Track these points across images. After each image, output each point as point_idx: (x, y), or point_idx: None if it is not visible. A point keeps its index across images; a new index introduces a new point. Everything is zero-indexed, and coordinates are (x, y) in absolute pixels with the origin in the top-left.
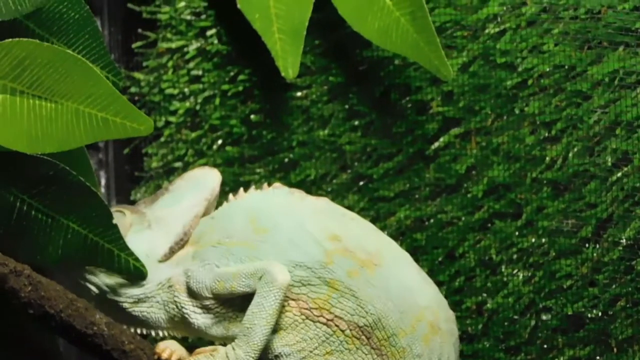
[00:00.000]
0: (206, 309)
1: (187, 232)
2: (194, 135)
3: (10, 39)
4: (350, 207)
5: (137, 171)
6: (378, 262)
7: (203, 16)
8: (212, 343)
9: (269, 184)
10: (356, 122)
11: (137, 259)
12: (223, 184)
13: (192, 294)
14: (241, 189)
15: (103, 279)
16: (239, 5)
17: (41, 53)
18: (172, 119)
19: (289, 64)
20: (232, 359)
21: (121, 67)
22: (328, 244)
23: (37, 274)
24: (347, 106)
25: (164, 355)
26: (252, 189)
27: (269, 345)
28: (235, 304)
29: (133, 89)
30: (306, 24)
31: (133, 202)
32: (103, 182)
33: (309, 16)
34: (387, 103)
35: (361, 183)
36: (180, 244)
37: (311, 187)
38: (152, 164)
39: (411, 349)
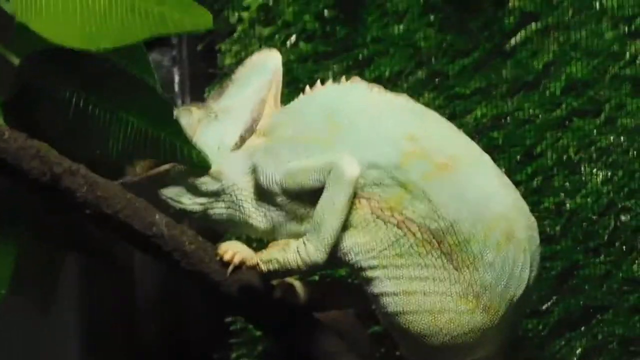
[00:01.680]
0: (276, 206)
1: (255, 117)
2: (267, 31)
3: None
4: (426, 105)
5: (211, 68)
6: (455, 165)
7: None
8: None
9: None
10: (432, 17)
11: (199, 151)
12: (297, 80)
13: (263, 190)
14: (318, 82)
15: (175, 182)
16: None
17: None
18: (244, 14)
19: None
20: (303, 253)
21: None
22: (404, 144)
23: (94, 173)
24: (422, 1)
25: (226, 256)
26: (330, 82)
27: (339, 242)
28: (305, 199)
29: None
30: None
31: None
32: (177, 79)
33: None
34: None
35: (437, 80)
36: (250, 130)
37: (386, 84)
38: (225, 60)
39: (482, 257)
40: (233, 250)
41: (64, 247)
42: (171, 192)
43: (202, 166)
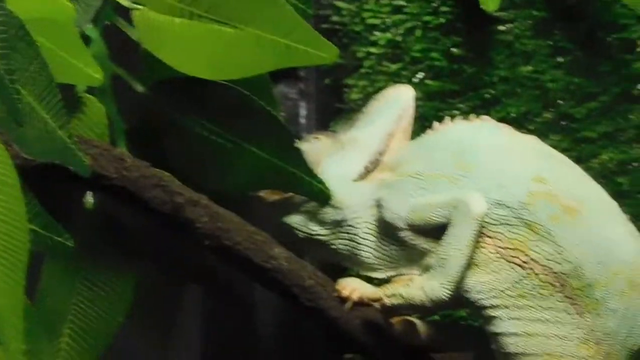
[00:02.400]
0: (399, 241)
1: (380, 150)
2: (394, 67)
3: None
4: (552, 147)
5: (337, 102)
6: (582, 209)
7: None
8: None
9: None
10: (560, 59)
11: (321, 181)
12: (424, 118)
13: (386, 225)
14: (447, 118)
15: (297, 213)
16: None
17: None
18: (372, 49)
19: None
20: (428, 290)
21: None
22: (532, 185)
23: (215, 204)
24: (551, 42)
25: (345, 292)
26: (459, 119)
27: (462, 279)
28: (429, 235)
29: (335, 18)
30: None
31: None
32: (304, 112)
33: None
34: (593, 40)
35: (564, 123)
36: (375, 163)
37: (513, 124)
38: (352, 95)
39: (605, 303)
40: (352, 287)
41: (183, 279)
42: (294, 220)
43: (323, 198)
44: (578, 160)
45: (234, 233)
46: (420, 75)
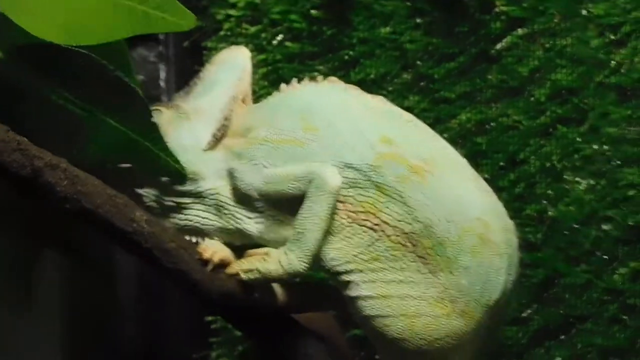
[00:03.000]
0: (254, 211)
1: (226, 116)
2: (253, 29)
3: None
4: (410, 108)
5: (197, 65)
6: (430, 169)
7: None
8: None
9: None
10: (418, 20)
11: (176, 160)
12: (283, 79)
13: (239, 195)
14: (294, 80)
15: (150, 182)
16: None
17: None
18: (232, 12)
19: None
20: (285, 263)
21: None
22: (380, 146)
23: (76, 168)
24: (409, 3)
25: (206, 254)
26: (306, 81)
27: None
28: (284, 206)
29: None
30: None
31: None
32: (163, 75)
33: None
34: (451, 1)
35: (422, 83)
36: (223, 129)
37: (372, 85)
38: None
39: (457, 260)
40: (213, 249)
41: (40, 244)
42: (147, 192)
43: (178, 177)
44: (437, 121)
45: (95, 196)
46: (280, 37)
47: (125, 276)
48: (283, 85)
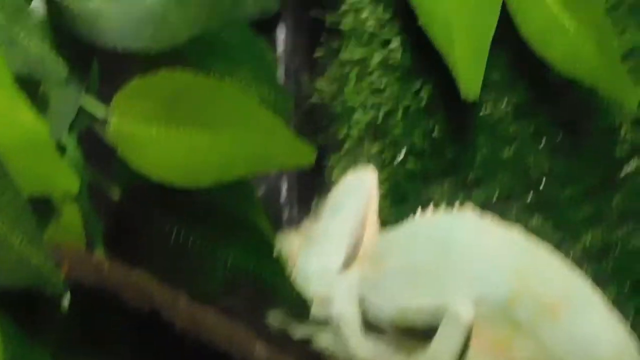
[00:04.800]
0: (382, 338)
1: (357, 238)
2: (375, 147)
3: (164, 72)
4: (534, 230)
5: (318, 181)
6: (564, 307)
7: (386, 27)
8: None
9: (461, 204)
10: (542, 143)
11: (300, 291)
12: (405, 198)
13: (368, 321)
14: (429, 208)
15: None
16: (420, 22)
17: (196, 85)
18: (353, 131)
19: (470, 85)
20: None
21: (304, 74)
22: (516, 282)
23: (194, 301)
24: (533, 126)
25: None
26: (441, 209)
27: None
28: (414, 334)
29: (315, 99)
30: (489, 43)
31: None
32: (285, 189)
33: (492, 35)
34: (575, 125)
35: (546, 205)
36: (354, 251)
37: (495, 207)
38: (333, 175)
39: None
40: None
41: None
42: (276, 320)
43: (301, 309)
44: (560, 244)
45: (214, 331)
46: (401, 155)
47: None
48: (417, 214)
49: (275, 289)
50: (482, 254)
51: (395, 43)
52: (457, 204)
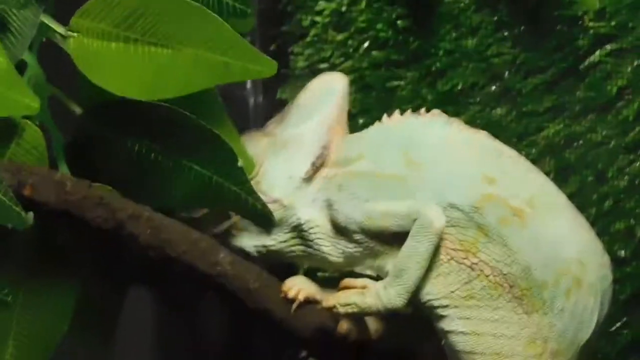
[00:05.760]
0: (353, 242)
1: (325, 145)
2: (340, 36)
3: None
4: (497, 121)
5: (283, 69)
6: (531, 210)
7: None
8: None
9: (427, 110)
10: (505, 33)
11: (264, 204)
12: (369, 87)
13: (339, 226)
14: (396, 112)
15: (247, 233)
16: None
17: (156, 2)
18: (318, 18)
19: None
20: (384, 298)
21: None
22: (482, 186)
23: (159, 214)
24: (496, 17)
25: (291, 293)
26: (409, 113)
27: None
28: (383, 238)
29: None
30: None
31: (280, 101)
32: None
33: None
34: (538, 16)
35: (509, 96)
36: (321, 158)
37: (458, 96)
38: (298, 63)
39: (552, 302)
40: (298, 287)
41: (126, 285)
42: (246, 242)
43: (264, 220)
44: (523, 134)
45: (178, 243)
46: (366, 44)
47: (214, 314)
48: (384, 117)
49: (239, 200)
50: (449, 159)
51: None
52: (423, 109)
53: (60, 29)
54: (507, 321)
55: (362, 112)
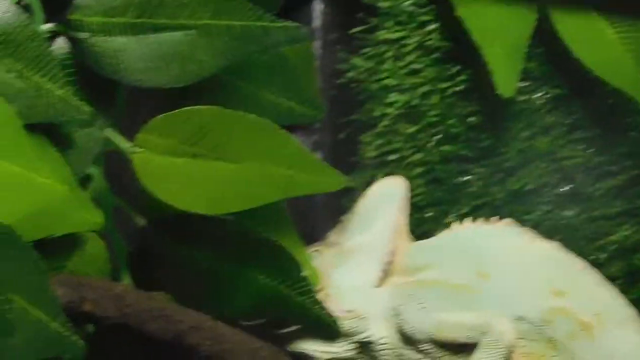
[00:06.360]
0: (419, 352)
1: (392, 251)
2: (411, 129)
3: (190, 107)
4: (566, 223)
5: (352, 156)
6: (598, 324)
7: (425, 9)
8: None
9: (511, 217)
10: (578, 135)
11: (329, 314)
12: (438, 180)
13: (404, 335)
14: (468, 220)
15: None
16: (458, 13)
17: (223, 119)
18: (389, 110)
19: (505, 82)
20: None
21: (340, 49)
22: (552, 300)
23: (220, 322)
24: (569, 120)
25: None
26: (480, 221)
27: None
28: (451, 349)
29: (350, 74)
30: (527, 43)
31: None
32: None
33: (530, 34)
34: (611, 120)
35: (580, 198)
36: (389, 265)
37: (528, 196)
38: (367, 153)
39: None
40: None
41: None
42: (310, 346)
43: (330, 331)
44: (594, 238)
45: (239, 353)
46: (437, 138)
47: None
48: (454, 224)
49: (304, 312)
50: (520, 271)
51: (433, 25)
52: (496, 218)
53: (125, 144)
54: None
55: (430, 205)
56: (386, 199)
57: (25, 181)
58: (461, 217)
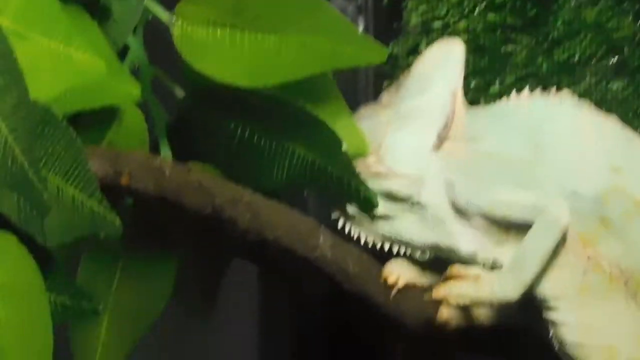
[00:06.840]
0: (471, 227)
1: (449, 114)
2: None
3: None
4: (613, 95)
5: (395, 22)
6: None
7: None
8: None
9: (557, 88)
10: (626, 7)
11: (367, 188)
12: (483, 49)
13: (457, 207)
14: (526, 90)
15: None
16: None
17: None
18: None
19: None
20: (500, 292)
21: None
22: (609, 176)
23: (259, 197)
24: None
25: (390, 279)
26: (538, 92)
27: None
28: (503, 226)
29: None
30: None
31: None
32: (361, 28)
33: None
34: None
35: (627, 70)
36: (447, 129)
37: (574, 67)
38: (411, 19)
39: None
40: (398, 273)
41: (228, 258)
42: (367, 226)
43: (368, 206)
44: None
45: (277, 226)
46: (482, 6)
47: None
48: (513, 94)
49: (344, 186)
50: (577, 146)
51: None
52: (553, 89)
53: (164, 15)
54: (619, 316)
55: (475, 74)
56: (444, 61)
57: (62, 57)
58: (505, 88)
